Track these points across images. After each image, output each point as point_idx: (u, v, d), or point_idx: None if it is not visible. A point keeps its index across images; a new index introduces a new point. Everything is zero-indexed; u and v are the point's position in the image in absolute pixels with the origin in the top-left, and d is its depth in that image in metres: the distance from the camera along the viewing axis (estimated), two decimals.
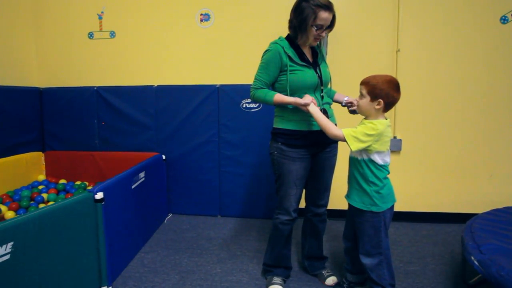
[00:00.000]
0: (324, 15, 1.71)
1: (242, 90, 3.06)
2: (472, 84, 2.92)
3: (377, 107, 1.62)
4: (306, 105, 1.71)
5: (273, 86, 1.89)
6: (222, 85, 3.09)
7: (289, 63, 1.79)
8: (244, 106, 3.07)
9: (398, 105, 2.96)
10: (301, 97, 1.78)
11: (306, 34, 1.77)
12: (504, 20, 2.84)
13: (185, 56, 3.21)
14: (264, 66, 1.83)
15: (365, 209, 1.70)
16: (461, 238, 1.93)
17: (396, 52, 2.96)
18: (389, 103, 1.63)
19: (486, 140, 2.97)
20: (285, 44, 1.82)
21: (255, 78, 1.86)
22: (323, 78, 1.87)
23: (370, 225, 1.71)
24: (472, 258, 1.66)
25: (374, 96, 1.61)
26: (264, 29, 3.04)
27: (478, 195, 2.98)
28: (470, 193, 3.00)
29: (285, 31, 1.92)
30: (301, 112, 1.80)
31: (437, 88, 2.97)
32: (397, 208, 3.10)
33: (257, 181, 3.12)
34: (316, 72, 1.84)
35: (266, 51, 1.83)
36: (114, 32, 3.27)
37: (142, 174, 2.56)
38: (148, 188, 2.67)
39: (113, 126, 3.24)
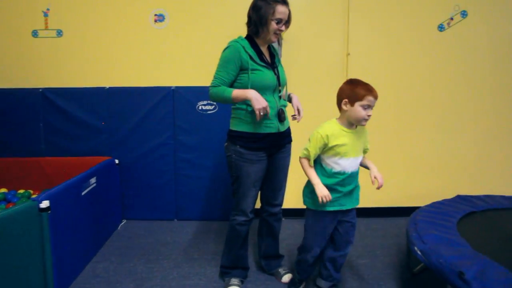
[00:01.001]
0: (281, 9, 1.78)
1: (198, 92, 3.04)
2: (414, 85, 3.13)
3: None
4: (259, 110, 1.70)
5: (233, 86, 1.86)
6: (177, 87, 3.05)
7: (250, 61, 1.81)
8: (200, 108, 3.05)
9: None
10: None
11: (266, 28, 1.80)
12: (441, 28, 3.07)
13: (138, 57, 3.13)
14: (223, 64, 1.82)
15: None
16: (406, 230, 2.06)
17: (347, 55, 3.09)
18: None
19: (428, 137, 3.19)
20: (245, 43, 1.84)
21: (214, 77, 1.83)
22: (280, 80, 1.92)
23: None
24: (416, 248, 1.77)
25: None
26: (220, 31, 3.04)
27: (422, 189, 3.20)
28: (415, 188, 3.21)
29: (241, 33, 1.95)
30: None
31: (385, 89, 3.13)
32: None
33: (214, 183, 3.11)
34: (275, 73, 1.89)
35: (226, 48, 1.83)
36: (61, 31, 3.11)
37: (93, 180, 2.45)
38: (100, 194, 2.57)
39: (61, 130, 3.07)
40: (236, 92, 1.78)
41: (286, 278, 2.11)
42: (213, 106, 3.05)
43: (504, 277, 1.42)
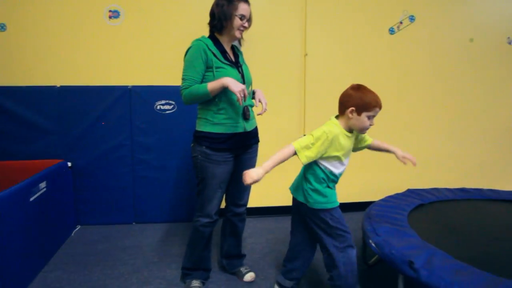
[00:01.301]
0: (244, 6, 1.83)
1: (156, 92, 2.97)
2: (368, 84, 3.27)
3: None
4: (239, 93, 1.67)
5: None
6: (134, 86, 2.96)
7: (214, 59, 1.80)
8: (158, 108, 2.98)
9: (307, 105, 3.21)
10: (227, 97, 1.81)
11: (231, 24, 1.82)
12: (391, 31, 3.24)
13: (92, 55, 2.99)
14: (190, 63, 1.79)
15: None
16: (361, 224, 2.15)
17: (304, 56, 3.17)
18: None
19: (380, 135, 3.35)
20: (208, 42, 1.83)
21: (183, 79, 1.79)
22: (245, 78, 1.92)
23: None
24: (370, 241, 1.86)
25: None
26: (178, 28, 2.99)
27: (376, 184, 3.35)
28: (370, 183, 3.36)
29: (200, 28, 1.93)
30: (227, 113, 1.83)
31: (341, 89, 3.24)
32: None
33: (174, 184, 3.06)
34: (239, 72, 1.89)
35: (189, 48, 1.81)
36: (4, 25, 2.89)
37: (43, 185, 2.31)
38: (50, 200, 2.43)
39: (6, 132, 2.86)
40: (212, 84, 1.74)
41: (248, 277, 2.12)
42: (171, 106, 2.99)
43: (448, 263, 1.53)
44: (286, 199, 3.29)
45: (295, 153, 1.60)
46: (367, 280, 2.10)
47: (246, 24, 1.86)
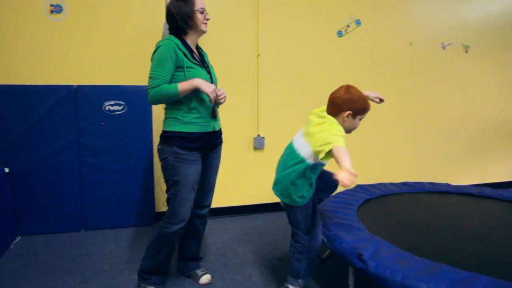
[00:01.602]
0: (199, 0, 1.82)
1: (104, 91, 2.84)
2: (319, 85, 3.39)
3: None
4: (212, 93, 1.71)
5: None
6: (80, 86, 2.80)
7: (185, 59, 1.77)
8: (107, 108, 2.85)
9: (261, 105, 3.26)
10: (198, 96, 1.79)
11: (194, 20, 1.81)
12: (339, 34, 3.38)
13: (32, 52, 2.79)
14: (159, 62, 1.74)
15: None
16: None
17: (257, 56, 3.20)
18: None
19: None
20: (178, 41, 1.79)
21: (151, 77, 1.74)
22: (213, 79, 1.94)
23: None
24: (322, 236, 1.92)
25: None
26: (129, 23, 2.88)
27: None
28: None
29: (152, 24, 1.88)
30: (198, 112, 1.81)
31: (294, 89, 3.34)
32: (264, 200, 3.38)
33: (124, 188, 2.94)
34: (208, 73, 1.90)
35: (158, 47, 1.76)
36: None
37: None
38: None
39: None
40: (183, 86, 1.72)
41: (204, 279, 2.09)
42: (121, 107, 2.88)
43: (393, 253, 1.63)
44: (240, 199, 3.32)
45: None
46: (320, 274, 2.17)
47: (208, 16, 1.86)
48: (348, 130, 1.71)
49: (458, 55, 3.84)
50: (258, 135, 3.26)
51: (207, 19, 1.87)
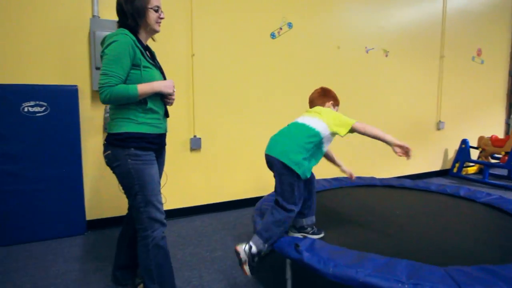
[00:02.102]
0: None
1: (22, 91, 2.58)
2: (254, 85, 3.46)
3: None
4: (172, 94, 1.70)
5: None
6: None
7: (142, 57, 1.65)
8: (26, 110, 2.60)
9: (197, 105, 3.22)
10: (152, 97, 1.69)
11: (146, 19, 1.68)
12: (273, 35, 3.48)
13: None
14: (116, 58, 1.57)
15: None
16: (252, 219, 2.27)
17: (192, 56, 3.16)
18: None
19: (264, 132, 3.57)
20: (133, 37, 1.63)
21: (107, 74, 1.56)
22: (165, 79, 1.84)
23: None
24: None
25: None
26: (50, 17, 2.64)
27: (265, 181, 3.57)
28: (260, 180, 3.56)
29: (73, 21, 1.74)
30: (153, 113, 1.71)
31: (230, 89, 3.36)
32: (202, 201, 3.35)
33: (48, 196, 2.70)
34: (161, 73, 1.80)
35: (113, 42, 1.58)
36: None
37: None
38: None
39: None
40: (143, 89, 1.61)
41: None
42: (43, 108, 2.64)
43: (325, 245, 1.73)
44: (177, 202, 3.25)
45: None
46: (260, 271, 2.22)
47: (163, 15, 1.75)
48: None
49: (380, 58, 4.19)
50: (195, 136, 3.23)
51: (162, 18, 1.74)
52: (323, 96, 2.10)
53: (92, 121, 2.86)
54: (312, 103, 2.14)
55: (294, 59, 3.63)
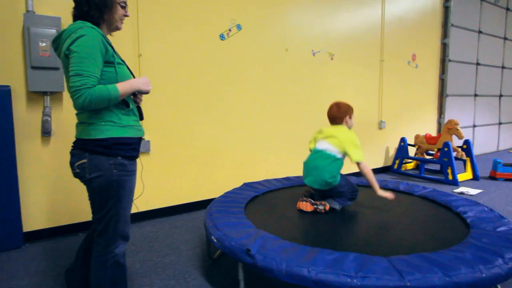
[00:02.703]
0: None
1: None
2: (204, 86, 3.42)
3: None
4: (147, 92, 1.56)
5: None
6: None
7: (114, 53, 1.50)
8: None
9: (144, 107, 3.11)
10: (128, 99, 1.55)
11: (112, 14, 1.53)
12: (222, 37, 3.48)
13: None
14: (88, 55, 1.37)
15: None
16: (204, 222, 2.25)
17: (138, 56, 3.05)
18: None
19: (213, 133, 3.56)
20: (101, 31, 1.46)
21: (81, 75, 1.34)
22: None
23: None
24: (212, 237, 1.96)
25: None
26: None
27: (216, 182, 3.56)
28: (211, 182, 3.54)
29: (4, 15, 1.59)
30: (134, 114, 1.57)
31: (179, 90, 3.29)
32: (152, 206, 3.26)
33: None
34: (129, 70, 1.63)
35: (80, 36, 1.38)
36: None
37: None
38: None
39: None
40: (123, 88, 1.45)
41: None
42: None
43: (278, 245, 1.77)
44: None
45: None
46: (213, 274, 2.20)
47: (128, 13, 1.61)
48: (350, 127, 2.48)
49: (326, 61, 4.36)
50: (143, 139, 3.12)
51: (126, 16, 1.61)
52: (341, 113, 2.48)
53: (29, 125, 2.65)
54: (334, 120, 2.51)
55: (244, 60, 3.65)
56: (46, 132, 2.67)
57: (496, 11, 6.82)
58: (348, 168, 4.53)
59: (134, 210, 3.13)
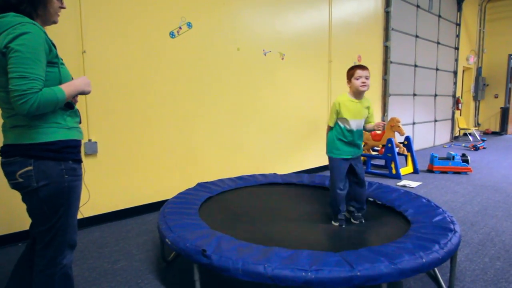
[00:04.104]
0: None
1: None
2: (153, 85, 3.32)
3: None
4: (89, 93, 1.47)
5: None
6: None
7: (56, 52, 1.38)
8: None
9: (90, 107, 2.96)
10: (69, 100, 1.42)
11: (47, 8, 1.39)
12: (172, 35, 3.40)
13: None
14: (33, 56, 1.24)
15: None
16: (157, 224, 2.19)
17: (82, 53, 2.89)
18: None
19: (166, 133, 3.48)
20: (43, 29, 1.33)
21: (26, 78, 1.21)
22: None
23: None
24: (166, 239, 1.92)
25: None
26: None
27: (169, 183, 3.48)
28: (163, 183, 3.45)
29: None
30: (76, 115, 1.47)
31: (127, 89, 3.16)
32: (102, 210, 3.11)
33: None
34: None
35: (22, 33, 1.24)
36: None
37: None
38: None
39: None
40: (67, 89, 1.35)
41: None
42: None
43: (233, 245, 1.77)
44: None
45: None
46: (167, 276, 2.15)
47: (64, 5, 1.48)
48: (357, 90, 2.35)
49: (277, 61, 4.44)
50: (90, 140, 2.96)
51: (63, 8, 1.47)
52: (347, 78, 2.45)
53: None
54: None
55: (195, 58, 3.60)
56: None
57: (430, 18, 7.40)
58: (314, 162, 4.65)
59: (78, 216, 2.96)
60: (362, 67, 2.34)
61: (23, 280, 1.60)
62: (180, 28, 3.45)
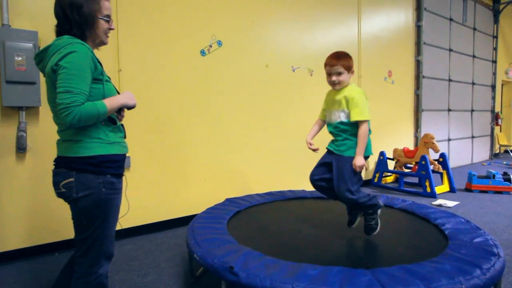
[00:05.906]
0: (107, 4, 1.52)
1: None
2: (185, 102, 3.41)
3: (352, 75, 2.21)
4: (134, 106, 1.56)
5: None
6: None
7: (102, 70, 1.47)
8: None
9: (125, 123, 3.07)
10: (113, 115, 1.52)
11: (95, 30, 1.50)
12: (203, 53, 3.50)
13: None
14: (79, 73, 1.35)
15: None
16: (186, 239, 2.20)
17: (118, 71, 3.03)
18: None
19: (198, 149, 3.54)
20: (90, 48, 1.45)
21: (71, 92, 1.31)
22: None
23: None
24: (194, 255, 1.92)
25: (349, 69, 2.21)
26: None
27: (197, 197, 3.51)
28: (191, 197, 3.49)
29: None
30: (120, 130, 1.55)
31: (159, 105, 3.27)
32: (133, 223, 3.18)
33: None
34: (114, 87, 1.60)
35: (70, 52, 1.36)
36: None
37: None
38: None
39: None
40: (111, 104, 1.43)
41: None
42: None
43: (261, 261, 1.75)
44: None
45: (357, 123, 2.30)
46: None
47: (113, 26, 1.59)
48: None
49: (305, 77, 4.44)
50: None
51: (111, 29, 1.58)
52: None
53: (3, 141, 2.56)
54: None
55: (225, 76, 3.68)
56: (21, 148, 2.59)
57: (464, 31, 7.19)
58: None
59: (117, 227, 3.04)
60: (331, 59, 2.31)
61: (65, 285, 1.65)
62: (211, 46, 3.55)
